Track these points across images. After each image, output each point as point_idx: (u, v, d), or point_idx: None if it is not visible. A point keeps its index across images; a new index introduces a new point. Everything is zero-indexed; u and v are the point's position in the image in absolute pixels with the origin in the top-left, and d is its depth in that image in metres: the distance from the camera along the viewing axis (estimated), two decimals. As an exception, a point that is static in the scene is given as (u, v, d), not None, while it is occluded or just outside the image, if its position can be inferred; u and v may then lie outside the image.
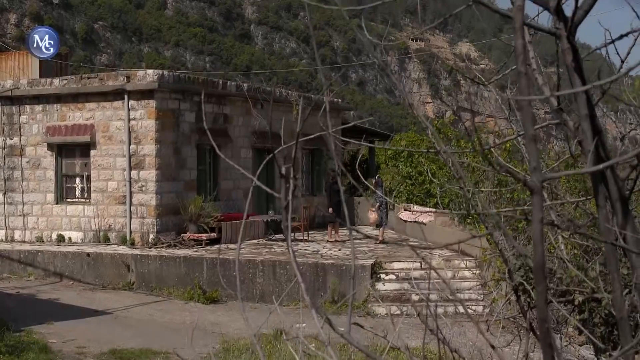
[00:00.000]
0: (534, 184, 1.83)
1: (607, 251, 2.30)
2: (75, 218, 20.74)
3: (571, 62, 2.26)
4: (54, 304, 16.18)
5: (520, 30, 1.98)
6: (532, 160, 1.88)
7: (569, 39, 2.23)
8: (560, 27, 2.24)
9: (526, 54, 1.97)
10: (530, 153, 1.91)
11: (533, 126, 1.94)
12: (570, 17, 2.23)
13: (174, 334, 14.14)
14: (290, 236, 2.14)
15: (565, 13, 2.26)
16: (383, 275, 16.83)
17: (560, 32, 2.24)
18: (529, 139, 1.92)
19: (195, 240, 19.60)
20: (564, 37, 2.23)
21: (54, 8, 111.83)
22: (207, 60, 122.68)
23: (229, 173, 22.16)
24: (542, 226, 1.87)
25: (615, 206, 2.30)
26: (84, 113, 20.50)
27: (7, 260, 19.47)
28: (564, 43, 2.24)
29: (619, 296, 2.22)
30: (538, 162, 1.88)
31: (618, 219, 2.29)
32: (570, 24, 2.22)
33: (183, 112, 20.43)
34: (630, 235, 2.27)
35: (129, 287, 18.09)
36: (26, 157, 21.43)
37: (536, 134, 1.97)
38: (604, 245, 2.23)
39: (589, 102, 2.27)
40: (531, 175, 1.84)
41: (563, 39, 2.23)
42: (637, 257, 2.27)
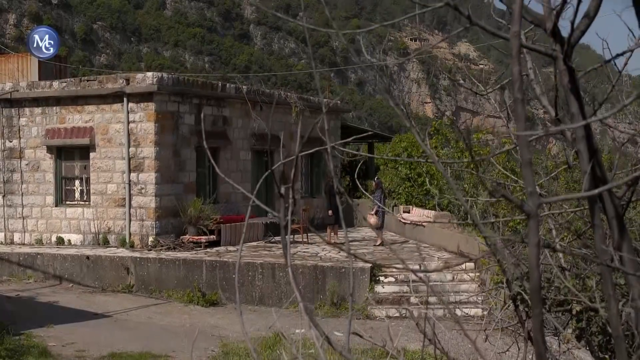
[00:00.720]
0: (530, 209, 1.86)
1: (603, 272, 2.32)
2: (75, 220, 20.75)
3: (567, 83, 2.28)
4: (54, 306, 16.18)
5: (516, 57, 2.00)
6: (528, 185, 1.91)
7: (565, 61, 2.25)
8: (557, 49, 2.26)
9: (522, 81, 2.00)
10: (526, 178, 1.93)
11: (529, 152, 1.96)
12: (566, 39, 2.25)
13: (174, 337, 14.17)
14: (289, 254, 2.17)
15: (561, 34, 2.29)
16: (382, 278, 16.85)
17: (556, 54, 2.26)
18: (525, 164, 1.94)
19: (194, 242, 19.61)
20: (560, 59, 2.25)
21: (53, 8, 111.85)
22: (206, 60, 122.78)
23: (228, 176, 22.18)
24: (538, 250, 1.90)
25: (611, 224, 2.32)
26: (83, 116, 20.52)
27: (7, 263, 19.48)
28: (560, 65, 2.26)
29: (615, 315, 2.24)
30: (534, 187, 1.91)
31: (614, 237, 2.31)
32: (567, 46, 2.24)
33: (182, 115, 20.44)
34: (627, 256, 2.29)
35: (128, 289, 18.10)
36: (25, 160, 21.44)
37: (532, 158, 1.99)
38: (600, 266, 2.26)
39: (586, 125, 2.29)
40: (527, 199, 1.87)
41: (559, 61, 2.26)
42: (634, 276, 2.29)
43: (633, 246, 2.38)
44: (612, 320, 2.23)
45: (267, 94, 23.63)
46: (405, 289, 16.68)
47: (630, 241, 2.34)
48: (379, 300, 16.31)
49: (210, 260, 17.63)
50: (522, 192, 9.12)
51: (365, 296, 16.34)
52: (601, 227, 2.29)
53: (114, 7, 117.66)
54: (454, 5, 2.29)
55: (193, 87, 20.93)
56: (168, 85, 19.83)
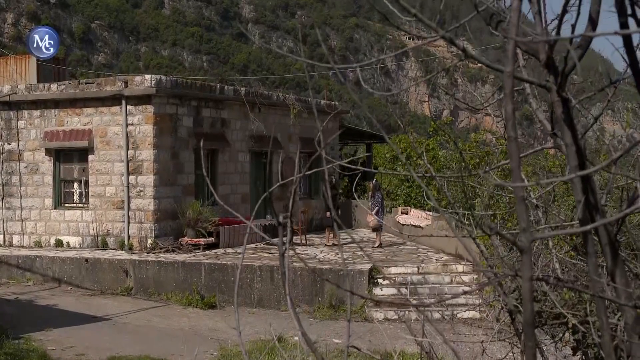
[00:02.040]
0: (524, 245, 1.89)
1: (597, 303, 2.35)
2: (74, 223, 20.78)
3: (561, 113, 2.31)
4: (53, 310, 16.21)
5: (509, 96, 2.04)
6: (522, 221, 1.94)
7: (559, 92, 2.28)
8: (551, 80, 2.30)
9: (515, 120, 2.03)
10: (519, 213, 1.96)
11: (523, 188, 2.00)
12: (560, 71, 2.29)
13: (173, 340, 14.20)
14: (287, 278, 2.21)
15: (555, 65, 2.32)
16: (380, 280, 16.89)
17: (550, 85, 2.29)
18: (518, 200, 1.98)
19: (193, 245, 19.65)
20: (554, 90, 2.28)
21: (51, 7, 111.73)
22: (205, 59, 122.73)
23: (226, 178, 22.22)
24: (532, 284, 1.93)
25: (605, 250, 2.35)
26: (81, 118, 20.54)
27: (6, 266, 19.51)
28: (554, 96, 2.30)
29: (608, 342, 2.28)
30: (528, 223, 1.94)
31: (607, 263, 2.34)
32: (560, 77, 2.28)
33: (181, 117, 20.47)
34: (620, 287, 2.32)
35: (127, 292, 18.13)
36: (24, 162, 21.46)
37: (525, 197, 2.03)
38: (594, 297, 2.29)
39: (579, 153, 2.32)
40: (520, 235, 1.90)
41: (553, 92, 2.29)
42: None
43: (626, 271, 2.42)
44: (605, 348, 2.27)
45: (266, 95, 23.66)
46: (403, 291, 16.72)
47: (624, 268, 2.38)
48: (378, 303, 16.35)
49: (209, 263, 17.66)
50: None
51: (363, 299, 16.40)
52: (594, 256, 2.32)
53: (112, 6, 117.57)
54: (449, 38, 2.32)
55: (191, 89, 20.95)
56: (166, 87, 19.85)
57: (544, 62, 2.30)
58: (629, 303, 2.26)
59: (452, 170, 20.42)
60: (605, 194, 3.97)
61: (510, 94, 2.07)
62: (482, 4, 2.66)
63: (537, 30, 2.42)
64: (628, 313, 2.28)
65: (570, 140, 2.28)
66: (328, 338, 14.36)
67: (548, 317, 5.13)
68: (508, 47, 2.10)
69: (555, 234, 2.02)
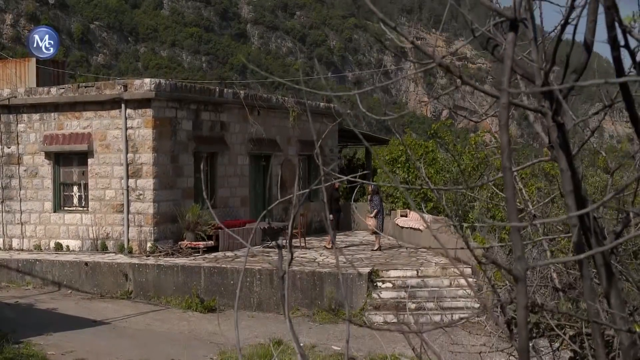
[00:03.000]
0: (519, 273, 1.92)
1: (592, 327, 2.38)
2: (73, 226, 20.80)
3: (556, 138, 2.33)
4: (53, 314, 16.23)
5: (505, 126, 2.07)
6: (517, 250, 1.97)
7: (554, 118, 2.31)
8: (546, 105, 2.33)
9: (510, 150, 2.06)
10: (515, 243, 2.00)
11: (517, 218, 2.03)
12: (555, 96, 2.31)
13: (173, 344, 14.23)
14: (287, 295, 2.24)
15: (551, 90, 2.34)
16: (380, 284, 16.92)
17: (545, 110, 2.32)
18: (513, 231, 2.01)
19: (192, 248, 19.67)
20: (550, 115, 2.31)
21: (50, 8, 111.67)
22: (204, 60, 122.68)
23: (226, 181, 22.25)
24: (527, 311, 1.97)
25: (599, 271, 2.38)
26: (81, 122, 20.57)
27: (6, 269, 19.53)
28: (549, 121, 2.32)
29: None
30: (522, 252, 1.98)
31: (603, 285, 2.37)
32: (556, 103, 2.30)
33: (180, 120, 20.50)
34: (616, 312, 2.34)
35: (127, 296, 18.16)
36: (24, 166, 21.49)
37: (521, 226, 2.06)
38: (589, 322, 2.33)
39: (574, 177, 2.35)
40: (515, 263, 1.94)
41: (548, 117, 2.31)
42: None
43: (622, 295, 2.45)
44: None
45: (265, 98, 23.70)
46: (402, 294, 16.76)
47: (619, 289, 2.41)
48: (377, 306, 16.39)
49: (209, 267, 17.69)
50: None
51: (363, 302, 16.43)
52: (590, 279, 2.35)
53: (111, 6, 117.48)
54: (445, 66, 2.35)
55: (191, 92, 20.97)
56: (166, 91, 19.87)
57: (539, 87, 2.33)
58: (624, 327, 2.29)
59: (451, 173, 20.49)
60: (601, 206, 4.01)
61: (506, 125, 2.09)
62: (477, 29, 2.69)
63: (533, 57, 2.45)
64: (623, 336, 2.31)
65: (566, 165, 2.30)
66: (328, 342, 14.40)
67: (546, 327, 5.16)
68: (503, 78, 2.13)
69: (551, 262, 2.05)
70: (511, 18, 2.12)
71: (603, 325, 2.32)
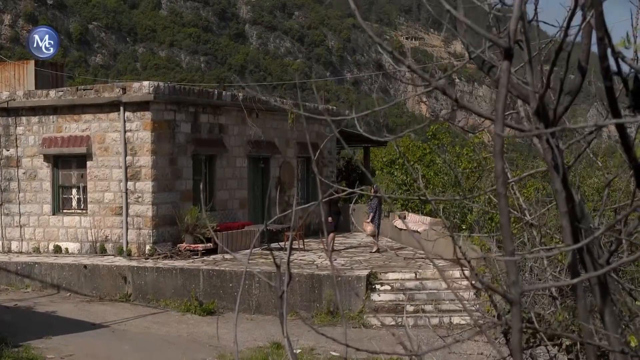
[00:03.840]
0: (514, 298, 1.96)
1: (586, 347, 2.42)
2: (72, 229, 20.83)
3: (551, 160, 2.36)
4: (52, 317, 16.26)
5: (499, 154, 2.11)
6: (511, 275, 2.01)
7: (549, 141, 2.34)
8: (541, 127, 2.36)
9: (505, 177, 2.10)
10: (509, 268, 2.03)
11: (512, 244, 2.06)
12: (550, 119, 2.35)
13: (172, 347, 14.27)
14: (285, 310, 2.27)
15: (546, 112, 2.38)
16: (378, 286, 16.96)
17: (540, 133, 2.35)
18: (507, 255, 2.04)
19: (191, 250, 19.71)
20: (544, 138, 2.34)
21: (49, 9, 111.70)
22: (202, 60, 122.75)
23: (224, 183, 22.28)
24: (521, 335, 2.00)
25: (594, 290, 2.41)
26: (80, 124, 20.59)
27: (5, 272, 19.56)
28: (544, 143, 2.36)
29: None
30: (517, 277, 2.01)
31: (597, 302, 2.41)
32: (550, 126, 2.34)
33: (179, 123, 20.53)
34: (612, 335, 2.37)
35: (126, 298, 18.18)
36: (23, 169, 21.51)
37: (514, 250, 2.10)
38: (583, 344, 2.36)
39: (569, 198, 2.38)
40: (510, 287, 1.97)
41: (543, 140, 2.35)
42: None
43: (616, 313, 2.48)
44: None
45: (263, 101, 23.73)
46: (401, 297, 16.80)
47: (613, 308, 2.44)
48: (375, 309, 16.43)
49: (208, 269, 17.73)
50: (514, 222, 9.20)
51: (361, 305, 16.47)
52: (584, 299, 2.38)
53: (109, 7, 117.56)
54: (442, 89, 2.39)
55: (189, 95, 21.01)
56: (164, 94, 19.90)
57: (534, 111, 2.36)
58: (617, 348, 2.33)
59: (450, 175, 20.52)
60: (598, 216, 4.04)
61: (500, 153, 2.13)
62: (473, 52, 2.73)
63: (528, 79, 2.48)
64: (618, 357, 2.35)
65: (560, 186, 2.33)
66: (327, 345, 14.43)
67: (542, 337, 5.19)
68: (498, 105, 2.16)
69: (545, 286, 2.09)
70: (505, 47, 2.15)
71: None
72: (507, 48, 2.15)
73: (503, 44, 2.16)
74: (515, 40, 2.27)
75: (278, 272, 2.47)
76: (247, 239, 21.30)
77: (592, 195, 16.51)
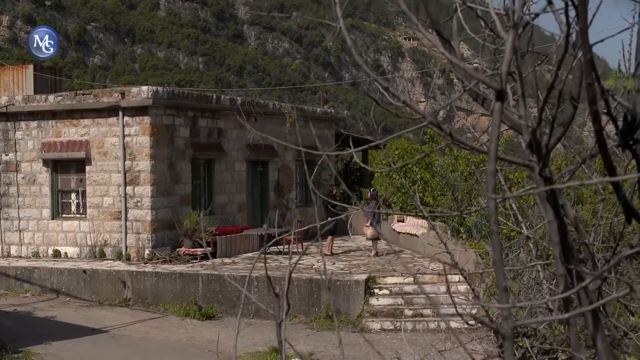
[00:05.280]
0: (505, 332, 2.02)
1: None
2: (71, 233, 20.88)
3: (543, 192, 2.41)
4: (51, 322, 16.29)
5: (492, 191, 2.16)
6: (504, 310, 2.07)
7: (541, 173, 2.39)
8: (534, 159, 2.41)
9: (497, 215, 2.15)
10: (502, 301, 2.09)
11: (504, 279, 2.12)
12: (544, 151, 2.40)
13: (171, 352, 14.32)
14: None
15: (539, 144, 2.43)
16: (377, 290, 17.01)
17: (533, 165, 2.41)
18: (500, 289, 2.10)
19: (190, 255, 19.75)
20: (537, 171, 2.40)
21: (47, 9, 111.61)
22: (200, 60, 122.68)
23: (223, 187, 22.33)
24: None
25: (586, 315, 2.47)
26: (78, 129, 20.64)
27: (4, 277, 19.61)
28: (536, 176, 2.41)
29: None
30: (509, 312, 2.07)
31: (589, 329, 2.46)
32: (543, 158, 2.39)
33: (177, 128, 20.58)
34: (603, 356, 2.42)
35: (125, 303, 18.23)
36: (22, 173, 21.56)
37: (507, 284, 2.16)
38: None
39: (561, 228, 2.43)
40: (502, 322, 2.03)
41: (535, 172, 2.40)
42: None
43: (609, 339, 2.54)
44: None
45: (262, 104, 23.79)
46: (399, 301, 16.86)
47: (605, 333, 2.49)
48: (374, 313, 16.48)
49: (206, 274, 17.77)
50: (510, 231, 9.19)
51: (360, 309, 16.53)
52: (576, 326, 2.44)
53: (107, 8, 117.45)
54: (436, 124, 2.44)
55: (188, 99, 21.06)
56: (163, 98, 19.95)
57: (527, 144, 2.42)
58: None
59: (448, 179, 20.56)
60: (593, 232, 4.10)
61: (492, 190, 2.18)
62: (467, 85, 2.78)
63: (521, 112, 2.53)
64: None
65: (552, 217, 2.39)
66: (326, 349, 14.47)
67: (538, 351, 5.25)
68: (490, 148, 2.21)
69: (538, 321, 2.14)
70: (498, 89, 2.20)
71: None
72: (499, 90, 2.21)
73: (495, 86, 2.22)
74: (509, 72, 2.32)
75: (276, 300, 2.51)
76: (246, 242, 21.35)
77: (590, 197, 16.56)
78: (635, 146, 2.17)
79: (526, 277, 6.03)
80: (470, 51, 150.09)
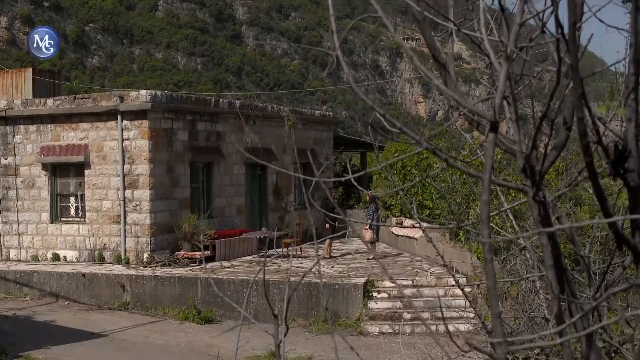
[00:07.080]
0: (499, 357, 2.06)
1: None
2: (70, 237, 20.91)
3: (537, 215, 2.46)
4: (51, 326, 16.33)
5: (486, 221, 2.20)
6: (497, 335, 2.11)
7: (535, 197, 2.44)
8: (528, 183, 2.46)
9: (491, 245, 2.20)
10: (495, 328, 2.13)
11: (498, 306, 2.16)
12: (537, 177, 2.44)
13: (170, 356, 14.35)
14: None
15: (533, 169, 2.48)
16: (375, 294, 17.05)
17: (527, 189, 2.45)
18: (494, 316, 2.14)
19: (189, 258, 19.78)
20: (531, 195, 2.44)
21: (45, 10, 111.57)
22: (199, 61, 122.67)
23: (222, 190, 22.36)
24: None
25: (581, 339, 2.51)
26: (77, 133, 20.67)
27: (3, 281, 19.64)
28: (530, 199, 2.45)
29: None
30: (504, 337, 2.11)
31: (583, 349, 2.51)
32: (537, 183, 2.43)
33: (176, 131, 20.62)
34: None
35: (124, 307, 18.27)
36: (21, 177, 21.58)
37: (501, 312, 2.20)
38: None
39: (555, 248, 2.47)
40: (496, 347, 2.07)
41: (529, 196, 2.45)
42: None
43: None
44: None
45: (260, 108, 23.82)
46: (398, 304, 16.91)
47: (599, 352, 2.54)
48: (373, 317, 16.52)
49: (205, 278, 17.80)
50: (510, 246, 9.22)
51: (358, 312, 16.57)
52: (569, 347, 2.49)
53: (106, 9, 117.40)
54: (432, 149, 2.48)
55: (186, 103, 21.09)
56: (162, 102, 19.99)
57: (521, 168, 2.46)
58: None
59: (447, 183, 20.60)
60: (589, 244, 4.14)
61: (487, 220, 2.23)
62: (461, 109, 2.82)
63: (515, 138, 2.57)
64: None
65: (546, 240, 2.43)
66: (324, 353, 14.51)
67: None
68: (484, 176, 2.26)
69: (532, 346, 2.18)
70: (491, 121, 2.24)
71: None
72: (492, 122, 2.25)
73: (489, 118, 2.26)
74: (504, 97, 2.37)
75: (275, 321, 2.55)
76: (245, 245, 21.39)
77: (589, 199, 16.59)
78: (626, 175, 2.21)
79: (524, 283, 6.08)
80: (468, 52, 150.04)
